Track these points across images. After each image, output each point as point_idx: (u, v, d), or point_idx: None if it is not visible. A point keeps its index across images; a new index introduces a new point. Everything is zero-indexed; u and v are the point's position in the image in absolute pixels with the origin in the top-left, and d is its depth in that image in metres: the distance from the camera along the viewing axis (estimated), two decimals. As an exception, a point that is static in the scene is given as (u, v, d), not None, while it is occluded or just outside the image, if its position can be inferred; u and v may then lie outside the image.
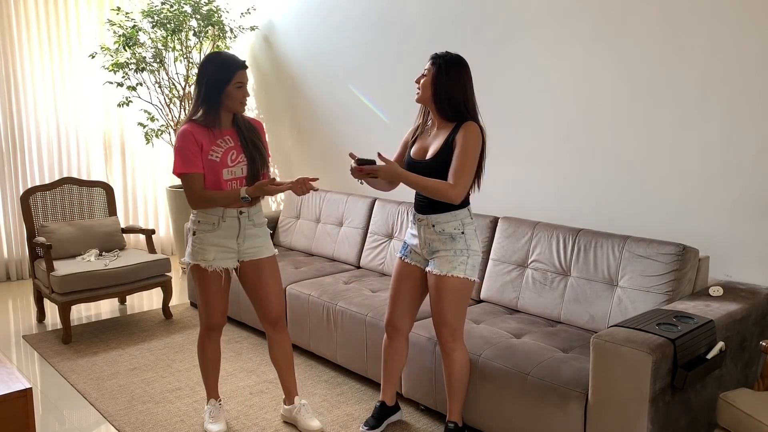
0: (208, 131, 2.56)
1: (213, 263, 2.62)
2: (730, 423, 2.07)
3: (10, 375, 2.30)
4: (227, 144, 2.59)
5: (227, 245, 2.63)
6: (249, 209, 2.64)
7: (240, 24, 5.50)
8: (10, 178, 5.33)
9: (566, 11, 3.34)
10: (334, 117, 4.88)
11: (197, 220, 2.63)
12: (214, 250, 2.62)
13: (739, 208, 2.84)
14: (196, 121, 2.57)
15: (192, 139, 2.52)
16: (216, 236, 2.61)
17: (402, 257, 2.68)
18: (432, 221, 2.52)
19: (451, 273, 2.47)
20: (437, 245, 2.52)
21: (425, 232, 2.55)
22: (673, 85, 2.99)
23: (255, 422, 2.91)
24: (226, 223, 2.61)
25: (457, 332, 2.54)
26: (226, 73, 2.51)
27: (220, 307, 2.71)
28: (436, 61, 2.48)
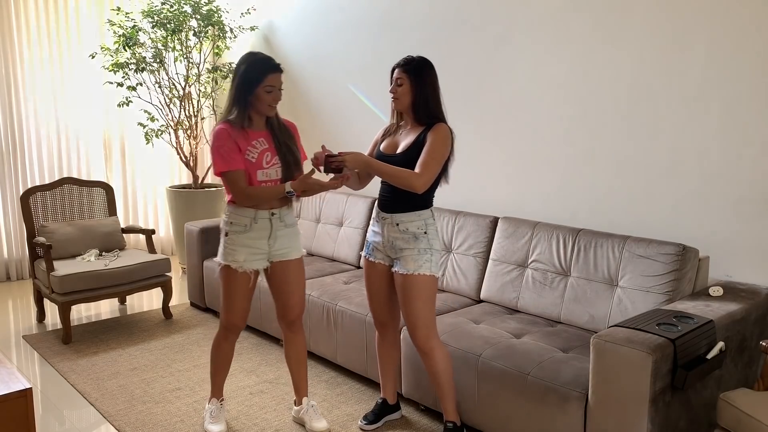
0: (242, 132, 2.56)
1: (243, 265, 2.62)
2: (730, 423, 2.07)
3: (10, 375, 2.30)
4: (262, 145, 2.60)
5: (258, 246, 2.63)
6: (280, 210, 2.64)
7: (240, 24, 5.50)
8: (10, 178, 5.33)
9: (566, 11, 3.34)
10: (334, 117, 4.88)
11: (230, 221, 2.63)
12: (245, 251, 2.62)
13: (739, 208, 2.84)
14: (231, 122, 2.57)
15: (228, 137, 2.53)
16: (248, 237, 2.61)
17: (367, 256, 2.72)
18: (396, 220, 2.57)
19: (417, 271, 2.54)
20: (401, 244, 2.57)
21: (389, 230, 2.59)
22: (673, 85, 2.99)
23: (255, 422, 2.91)
24: (258, 225, 2.61)
25: (432, 331, 2.59)
26: (258, 74, 2.51)
27: (242, 309, 2.70)
28: (410, 70, 2.54)
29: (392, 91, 2.57)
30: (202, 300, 4.45)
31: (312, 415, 2.82)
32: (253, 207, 2.59)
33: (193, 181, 5.62)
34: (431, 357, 2.58)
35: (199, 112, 5.56)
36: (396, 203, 2.57)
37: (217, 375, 2.84)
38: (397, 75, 2.56)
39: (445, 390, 2.62)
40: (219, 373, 2.84)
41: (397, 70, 2.56)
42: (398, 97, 2.55)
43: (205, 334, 4.04)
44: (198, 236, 4.39)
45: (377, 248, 2.67)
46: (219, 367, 2.83)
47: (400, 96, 2.55)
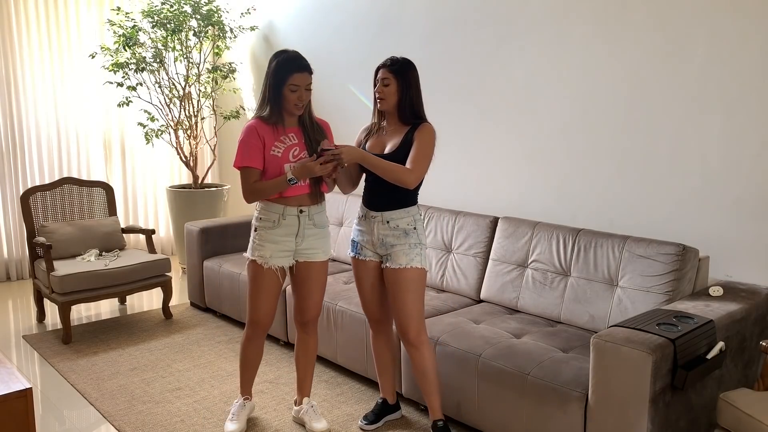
0: (272, 128, 2.59)
1: (269, 261, 2.63)
2: (730, 423, 2.07)
3: (10, 375, 2.30)
4: (291, 141, 2.62)
5: (285, 243, 2.64)
6: (309, 208, 2.64)
7: (240, 24, 5.50)
8: (10, 178, 5.33)
9: (566, 11, 3.34)
10: (334, 117, 4.88)
11: (260, 216, 2.65)
12: (271, 247, 2.62)
13: (739, 208, 2.84)
14: (263, 119, 2.60)
15: (255, 134, 2.57)
16: (276, 234, 2.62)
17: (355, 256, 2.74)
18: (386, 218, 2.61)
19: (409, 264, 2.59)
20: (391, 240, 2.61)
21: (379, 228, 2.63)
22: (673, 85, 2.99)
23: (255, 422, 2.91)
24: (286, 221, 2.62)
25: (422, 324, 2.64)
26: (283, 73, 2.53)
27: (269, 306, 2.69)
28: (396, 70, 2.56)
29: (378, 91, 2.59)
30: (202, 300, 4.45)
31: (312, 416, 2.82)
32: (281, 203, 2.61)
33: (193, 181, 5.62)
34: (422, 352, 2.62)
35: (199, 112, 5.56)
36: (385, 201, 2.62)
37: (245, 373, 2.85)
38: (382, 75, 2.58)
39: (434, 386, 2.65)
40: (246, 372, 2.85)
41: (383, 70, 2.58)
42: (384, 98, 2.58)
43: (205, 334, 4.04)
44: (198, 236, 4.39)
45: (365, 246, 2.70)
46: (245, 366, 2.84)
47: (386, 96, 2.57)
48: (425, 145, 2.54)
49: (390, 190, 2.60)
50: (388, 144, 2.63)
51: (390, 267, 2.61)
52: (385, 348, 2.84)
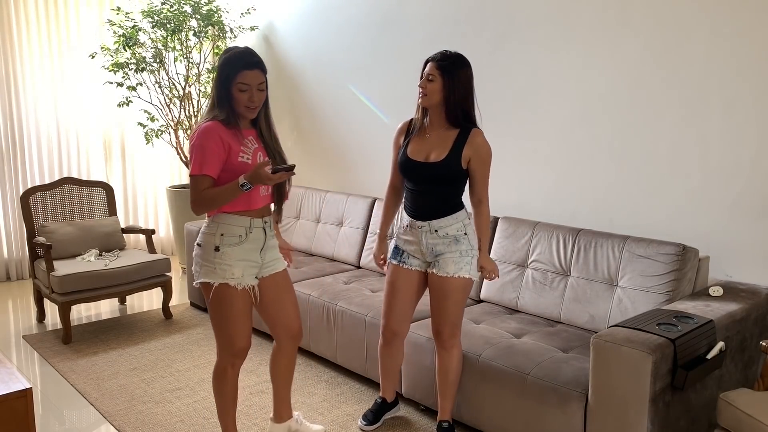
0: (233, 132, 2.30)
1: (243, 280, 2.33)
2: (730, 423, 2.07)
3: (10, 375, 2.30)
4: (253, 144, 2.36)
5: (253, 259, 2.37)
6: (269, 218, 2.42)
7: (240, 24, 5.50)
8: (10, 178, 5.33)
9: (566, 11, 3.34)
10: (334, 117, 4.88)
11: (220, 233, 2.31)
12: (241, 265, 2.33)
13: (739, 208, 2.84)
14: (221, 121, 2.29)
15: (217, 138, 2.24)
16: (243, 250, 2.33)
17: (399, 264, 2.63)
18: (434, 226, 2.51)
19: (457, 274, 2.50)
20: (441, 248, 2.52)
21: (427, 237, 2.53)
22: (673, 85, 2.99)
23: (255, 422, 2.91)
24: (253, 234, 2.35)
25: (457, 329, 2.59)
26: (230, 71, 2.25)
27: (247, 329, 2.40)
28: (444, 66, 2.40)
29: (421, 86, 2.43)
30: (202, 300, 4.45)
31: (306, 427, 2.71)
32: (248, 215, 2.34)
33: (193, 181, 5.61)
34: (451, 354, 2.59)
35: (199, 112, 5.56)
36: (431, 210, 2.50)
37: (227, 413, 2.50)
38: (429, 70, 2.42)
39: (453, 389, 2.63)
40: (229, 411, 2.50)
41: (430, 64, 2.42)
42: (427, 93, 2.42)
43: (205, 334, 4.04)
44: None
45: (412, 255, 2.59)
46: (227, 401, 2.49)
47: (429, 92, 2.41)
48: (488, 168, 2.49)
49: (435, 199, 2.49)
50: (433, 151, 2.47)
51: (437, 274, 2.52)
52: (394, 357, 2.78)
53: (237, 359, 2.43)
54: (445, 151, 2.44)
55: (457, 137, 2.45)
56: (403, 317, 2.68)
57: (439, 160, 2.45)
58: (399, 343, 2.75)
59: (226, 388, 2.47)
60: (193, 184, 2.25)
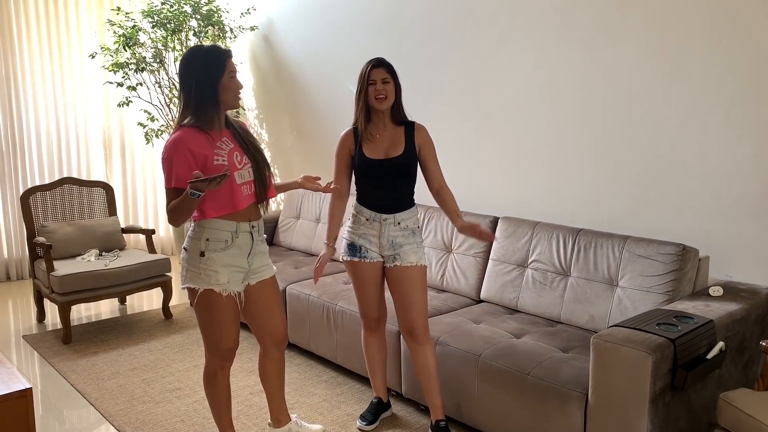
0: (205, 135, 2.25)
1: (228, 287, 2.31)
2: (730, 423, 2.07)
3: (10, 375, 2.30)
4: (228, 146, 2.30)
5: (239, 264, 2.34)
6: (258, 222, 2.39)
7: (240, 24, 5.50)
8: (10, 178, 5.33)
9: (566, 11, 3.34)
10: (334, 117, 4.88)
11: (206, 238, 2.28)
12: (227, 271, 2.31)
13: (739, 208, 2.84)
14: (190, 127, 2.25)
15: (185, 150, 2.20)
16: (229, 255, 2.30)
17: (359, 259, 2.67)
18: (398, 219, 2.65)
19: (419, 262, 2.65)
20: (401, 240, 2.65)
21: (389, 230, 2.65)
22: (673, 85, 2.99)
23: (255, 422, 2.91)
24: (240, 239, 2.32)
25: (427, 322, 2.68)
26: (217, 64, 2.24)
27: (235, 332, 2.40)
28: (392, 70, 2.60)
29: (380, 90, 2.56)
30: (202, 300, 4.44)
31: (306, 427, 2.70)
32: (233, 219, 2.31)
33: (193, 181, 5.61)
34: (426, 349, 2.65)
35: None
36: (397, 204, 2.65)
37: (222, 413, 2.50)
38: (382, 75, 2.57)
39: (437, 384, 2.67)
40: (224, 411, 2.50)
41: (381, 69, 2.58)
42: (386, 96, 2.58)
43: (205, 334, 4.04)
44: (198, 236, 4.38)
45: (369, 249, 2.68)
46: (221, 404, 2.48)
47: (388, 95, 2.58)
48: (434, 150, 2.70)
49: (397, 192, 2.65)
50: (390, 148, 2.63)
51: (400, 265, 2.63)
52: (379, 347, 2.86)
53: (225, 361, 2.43)
54: (401, 146, 2.62)
55: (405, 132, 2.64)
56: (379, 303, 2.78)
57: (399, 154, 2.61)
58: (382, 330, 2.84)
59: (219, 391, 2.47)
60: (167, 197, 2.26)
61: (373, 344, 2.85)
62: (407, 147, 2.62)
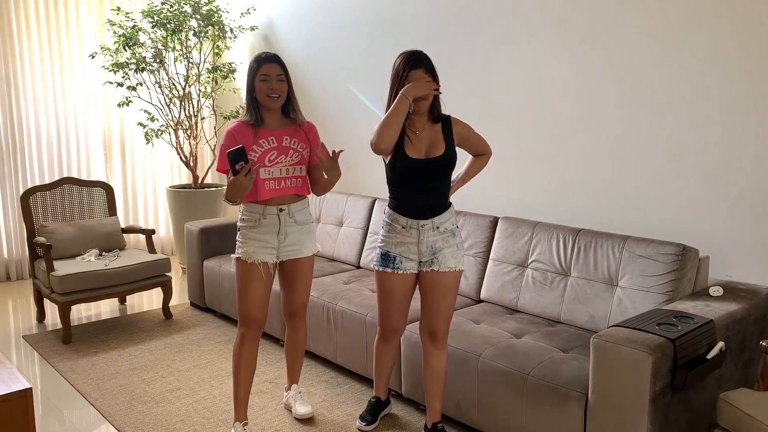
0: (252, 131, 2.63)
1: (253, 256, 2.65)
2: (730, 423, 2.07)
3: (10, 375, 2.30)
4: (270, 144, 2.64)
5: (268, 241, 2.68)
6: (290, 206, 2.69)
7: (240, 24, 5.50)
8: (10, 178, 5.33)
9: (566, 10, 3.34)
10: (334, 117, 4.88)
11: (242, 217, 2.71)
12: (254, 244, 2.67)
13: (739, 208, 2.84)
14: (243, 122, 2.65)
15: (231, 138, 2.61)
16: (257, 232, 2.67)
17: (392, 270, 2.58)
18: (436, 223, 2.54)
19: (457, 267, 2.58)
20: (441, 244, 2.55)
21: (428, 235, 2.54)
22: (673, 85, 2.99)
23: (255, 422, 2.91)
24: (267, 220, 2.67)
25: (449, 327, 2.65)
26: (254, 66, 2.61)
27: (259, 298, 2.68)
28: (431, 67, 2.49)
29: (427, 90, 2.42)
30: (202, 300, 4.45)
31: (298, 399, 2.95)
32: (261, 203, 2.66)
33: (193, 181, 5.62)
34: (443, 354, 2.63)
35: (199, 112, 5.56)
36: (433, 208, 2.54)
37: (240, 388, 2.70)
38: (422, 74, 2.45)
39: (442, 389, 2.66)
40: (241, 386, 2.70)
41: (420, 70, 2.45)
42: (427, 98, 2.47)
43: (205, 334, 4.04)
44: (198, 236, 4.39)
45: (406, 258, 2.57)
46: (241, 378, 2.69)
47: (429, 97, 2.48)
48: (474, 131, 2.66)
49: (434, 196, 2.54)
50: (434, 147, 2.52)
51: (438, 270, 2.54)
52: (391, 354, 2.81)
53: (247, 329, 2.69)
54: (441, 145, 2.54)
55: (443, 130, 2.56)
56: (402, 317, 2.70)
57: (440, 154, 2.52)
58: (397, 339, 2.80)
59: (242, 360, 2.71)
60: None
61: (386, 354, 2.81)
62: (447, 146, 2.53)
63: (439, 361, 2.62)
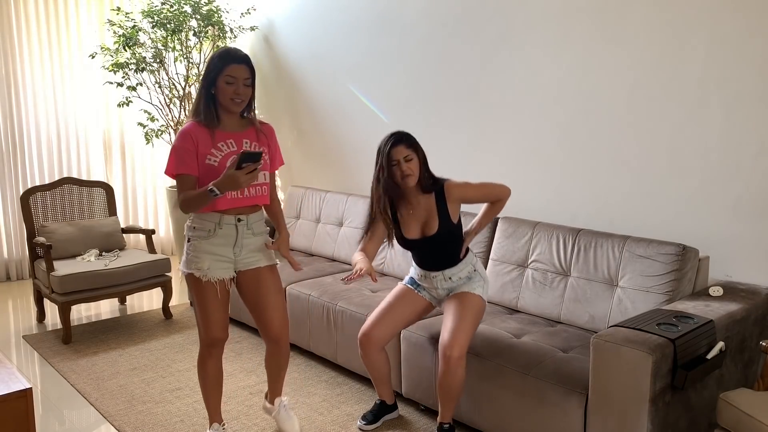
0: (209, 132, 2.37)
1: (207, 272, 2.41)
2: (730, 423, 2.07)
3: (10, 375, 2.30)
4: (229, 148, 2.39)
5: (223, 254, 2.44)
6: (248, 217, 2.45)
7: (240, 24, 5.50)
8: (10, 178, 5.33)
9: (566, 10, 3.34)
10: (334, 117, 4.88)
11: (192, 226, 2.44)
12: (208, 258, 2.42)
13: (739, 208, 2.84)
14: (199, 122, 2.38)
15: (189, 139, 2.35)
16: (211, 244, 2.42)
17: (413, 288, 2.77)
18: (447, 275, 2.69)
19: (472, 291, 2.66)
20: (456, 286, 2.70)
21: (440, 283, 2.71)
22: (673, 85, 2.99)
23: (255, 422, 2.91)
24: (223, 231, 2.41)
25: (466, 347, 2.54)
26: (219, 64, 2.32)
27: (220, 320, 2.48)
28: (412, 144, 2.54)
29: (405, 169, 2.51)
30: (202, 300, 4.44)
31: (284, 417, 2.76)
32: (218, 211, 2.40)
33: (193, 181, 5.61)
34: (456, 372, 2.49)
35: (199, 112, 5.55)
36: (441, 263, 2.68)
37: (209, 397, 2.61)
38: (401, 154, 2.51)
39: (456, 400, 2.59)
40: (211, 395, 2.60)
41: (400, 147, 2.51)
42: (412, 173, 2.53)
43: (205, 334, 4.04)
44: (198, 236, 4.38)
45: (425, 290, 2.75)
46: (208, 387, 2.58)
47: (414, 171, 2.54)
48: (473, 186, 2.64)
49: (442, 254, 2.66)
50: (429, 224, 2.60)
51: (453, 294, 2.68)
52: (378, 363, 2.77)
53: (212, 348, 2.52)
54: (435, 221, 2.60)
55: (435, 200, 2.60)
56: (390, 330, 2.73)
57: (434, 233, 2.60)
58: (374, 350, 2.73)
59: (207, 374, 2.56)
60: (178, 183, 2.39)
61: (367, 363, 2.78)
62: (441, 220, 2.59)
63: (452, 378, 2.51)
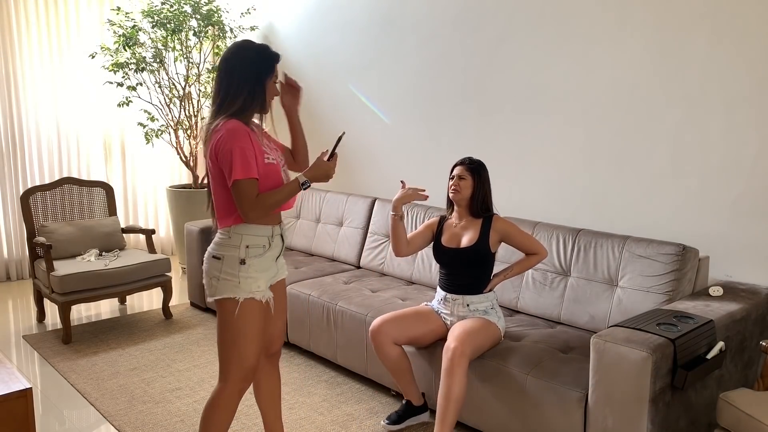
0: (254, 132, 2.13)
1: (266, 293, 2.15)
2: (730, 423, 2.07)
3: (10, 375, 2.30)
4: (270, 144, 2.24)
5: (271, 269, 2.19)
6: (283, 225, 2.24)
7: (240, 24, 5.50)
8: (10, 178, 5.33)
9: (566, 10, 3.34)
10: (334, 117, 4.88)
11: (245, 245, 2.09)
12: (265, 276, 2.14)
13: (739, 208, 2.84)
14: (239, 119, 2.09)
15: (249, 139, 2.06)
16: (267, 259, 2.15)
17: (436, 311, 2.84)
18: (467, 301, 2.75)
19: (485, 316, 2.72)
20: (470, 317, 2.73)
21: (458, 309, 2.76)
22: (673, 85, 2.99)
23: (255, 422, 2.91)
24: (275, 243, 2.17)
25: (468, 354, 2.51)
26: (272, 63, 2.16)
27: (260, 347, 2.18)
28: (473, 169, 2.77)
29: (454, 184, 2.77)
30: (203, 300, 4.45)
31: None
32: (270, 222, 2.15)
33: (193, 181, 5.62)
34: (456, 368, 2.45)
35: (199, 112, 5.56)
36: (464, 287, 2.76)
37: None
38: (459, 172, 2.77)
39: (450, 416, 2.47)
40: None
41: (460, 167, 2.78)
42: (459, 190, 2.76)
43: (205, 334, 4.04)
44: (198, 236, 4.39)
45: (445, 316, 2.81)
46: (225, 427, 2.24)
47: (462, 189, 2.76)
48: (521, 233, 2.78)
49: (468, 278, 2.75)
50: (464, 238, 2.77)
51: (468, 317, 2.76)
52: (399, 355, 2.74)
53: (246, 383, 2.18)
54: (475, 238, 2.74)
55: (482, 225, 2.77)
56: (397, 330, 2.74)
57: (470, 246, 2.73)
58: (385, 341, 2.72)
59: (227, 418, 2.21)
60: (245, 189, 2.02)
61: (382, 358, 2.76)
62: (480, 239, 2.72)
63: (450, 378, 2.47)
